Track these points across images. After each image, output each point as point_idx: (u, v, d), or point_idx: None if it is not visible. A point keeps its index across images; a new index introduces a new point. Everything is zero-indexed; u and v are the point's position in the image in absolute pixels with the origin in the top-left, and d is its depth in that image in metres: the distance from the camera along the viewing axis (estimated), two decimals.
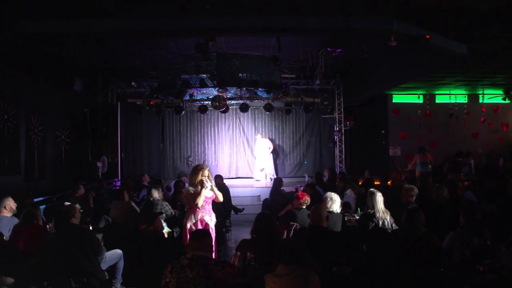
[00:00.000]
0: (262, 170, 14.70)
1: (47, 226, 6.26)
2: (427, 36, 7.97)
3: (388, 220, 5.88)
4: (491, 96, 15.80)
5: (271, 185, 10.60)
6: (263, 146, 14.81)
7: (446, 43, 9.00)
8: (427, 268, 4.12)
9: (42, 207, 6.82)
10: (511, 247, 3.34)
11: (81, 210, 6.83)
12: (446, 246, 4.75)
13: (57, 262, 4.83)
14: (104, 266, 5.40)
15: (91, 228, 6.20)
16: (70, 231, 5.09)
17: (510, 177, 8.50)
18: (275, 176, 14.25)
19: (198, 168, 5.93)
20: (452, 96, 15.56)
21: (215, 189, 6.00)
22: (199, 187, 5.77)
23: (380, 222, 5.79)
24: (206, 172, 5.93)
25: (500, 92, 15.34)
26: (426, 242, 4.46)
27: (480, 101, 15.74)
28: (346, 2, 7.60)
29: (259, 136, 15.17)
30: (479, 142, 16.27)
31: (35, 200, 7.86)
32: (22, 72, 10.59)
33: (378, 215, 5.87)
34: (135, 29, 8.21)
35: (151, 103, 13.27)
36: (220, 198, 6.10)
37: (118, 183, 13.45)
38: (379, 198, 5.99)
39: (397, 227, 5.65)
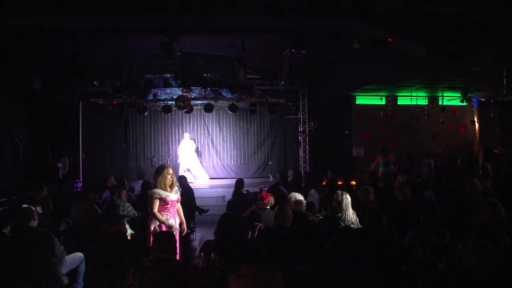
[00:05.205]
0: (187, 170, 14.36)
1: (3, 230, 6.05)
2: (389, 39, 8.14)
3: (355, 221, 5.94)
4: (450, 99, 16.31)
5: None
6: (189, 147, 14.55)
7: (407, 46, 9.21)
8: (388, 265, 4.20)
9: None
10: (468, 244, 3.47)
11: (41, 212, 6.66)
12: (406, 244, 4.86)
13: (14, 267, 4.67)
14: (64, 270, 5.25)
15: (50, 230, 6.03)
16: (27, 234, 4.93)
17: (468, 177, 8.77)
18: (203, 176, 14.36)
19: (163, 168, 5.86)
20: (413, 98, 15.96)
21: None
22: (168, 190, 5.73)
23: (349, 224, 5.84)
24: (171, 170, 5.87)
25: (459, 94, 15.88)
26: (388, 240, 4.55)
27: (440, 103, 16.23)
28: (310, 4, 7.69)
29: (187, 135, 14.83)
30: (439, 143, 16.77)
31: None
32: None
33: (347, 218, 5.89)
34: (98, 27, 8.04)
35: (114, 102, 13.02)
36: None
37: (80, 184, 13.15)
38: (349, 201, 5.97)
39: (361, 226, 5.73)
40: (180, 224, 6.08)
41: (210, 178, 15.42)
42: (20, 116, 12.31)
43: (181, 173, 13.80)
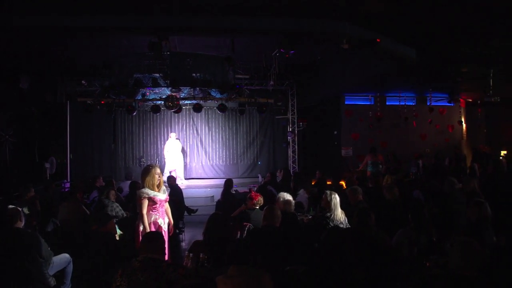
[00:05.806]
0: (173, 171, 14.05)
1: None
2: (378, 40, 8.17)
3: (343, 221, 5.96)
4: (438, 99, 16.45)
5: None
6: (175, 147, 14.32)
7: (396, 47, 9.25)
8: (377, 264, 4.22)
9: None
10: (455, 244, 3.50)
11: (27, 213, 6.59)
12: (395, 243, 4.89)
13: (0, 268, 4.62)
14: (51, 271, 5.20)
15: (37, 231, 5.97)
16: (14, 235, 4.87)
17: (454, 177, 8.85)
18: (180, 178, 14.08)
19: (150, 168, 5.84)
20: (401, 98, 16.08)
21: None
22: (155, 189, 5.70)
23: (338, 224, 5.85)
24: (158, 170, 5.86)
25: (446, 95, 16.03)
26: (376, 239, 4.57)
27: (428, 103, 16.36)
28: (299, 4, 7.69)
29: (173, 135, 14.59)
30: (427, 143, 16.90)
31: None
32: None
33: (336, 218, 5.91)
34: (87, 26, 7.96)
35: (102, 102, 12.93)
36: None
37: (67, 185, 13.03)
38: (338, 201, 5.98)
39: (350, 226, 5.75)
40: (168, 224, 6.06)
41: (200, 178, 15.43)
42: (6, 115, 12.18)
43: (166, 173, 13.50)
